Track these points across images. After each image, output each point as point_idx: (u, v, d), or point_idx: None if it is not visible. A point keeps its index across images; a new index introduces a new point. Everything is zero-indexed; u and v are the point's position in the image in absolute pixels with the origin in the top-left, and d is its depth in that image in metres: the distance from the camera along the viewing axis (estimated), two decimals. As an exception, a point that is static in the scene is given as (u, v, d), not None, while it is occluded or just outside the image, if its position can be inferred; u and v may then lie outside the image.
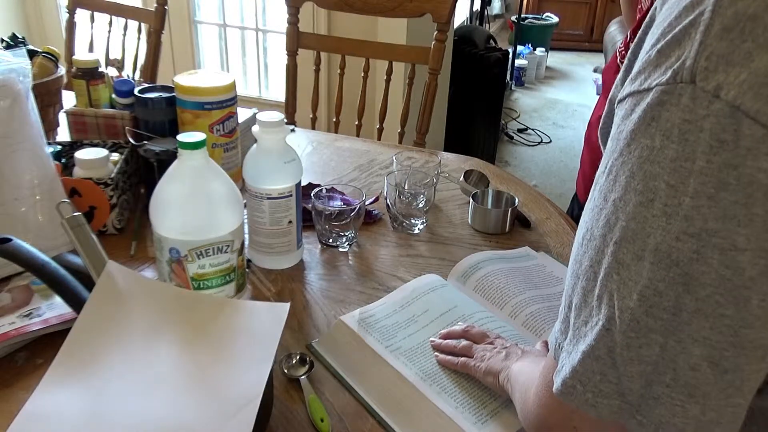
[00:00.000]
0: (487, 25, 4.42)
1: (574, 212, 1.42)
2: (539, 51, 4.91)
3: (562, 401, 0.46)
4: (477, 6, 4.42)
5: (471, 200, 1.16)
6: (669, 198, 0.38)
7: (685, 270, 0.38)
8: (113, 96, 1.26)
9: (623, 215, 0.41)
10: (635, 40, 0.48)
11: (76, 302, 0.79)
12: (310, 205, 1.07)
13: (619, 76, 0.48)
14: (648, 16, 0.47)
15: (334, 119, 1.84)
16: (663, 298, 0.39)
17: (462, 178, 1.26)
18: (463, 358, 0.77)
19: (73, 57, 1.39)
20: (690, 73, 0.38)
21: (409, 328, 0.85)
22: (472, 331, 0.82)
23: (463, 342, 0.80)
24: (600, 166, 0.45)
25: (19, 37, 1.48)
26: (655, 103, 0.39)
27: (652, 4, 1.13)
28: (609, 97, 0.52)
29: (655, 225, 0.39)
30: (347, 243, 1.08)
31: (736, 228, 0.37)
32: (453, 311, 0.88)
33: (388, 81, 1.75)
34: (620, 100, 0.43)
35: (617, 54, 1.27)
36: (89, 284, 0.78)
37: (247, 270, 0.94)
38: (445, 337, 0.82)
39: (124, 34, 2.08)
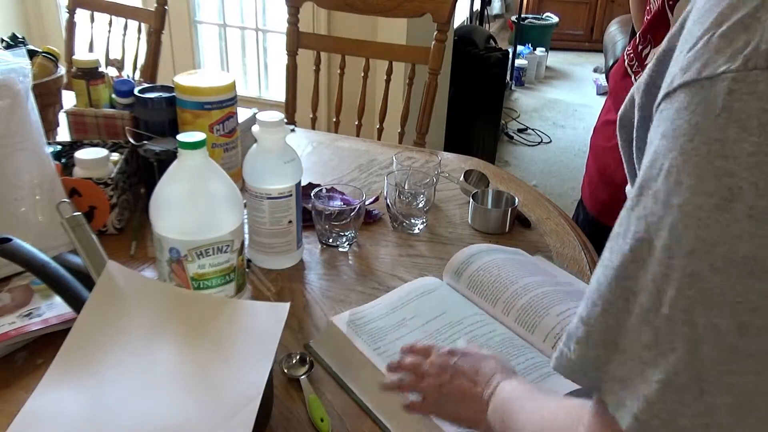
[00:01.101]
0: (487, 25, 4.42)
1: (579, 218, 1.41)
2: (539, 51, 4.91)
3: None
4: (477, 6, 4.42)
5: (471, 200, 1.16)
6: (754, 199, 0.34)
7: None
8: (113, 96, 1.26)
9: (693, 222, 0.35)
10: (665, 39, 0.44)
11: (76, 302, 0.79)
12: (310, 205, 1.07)
13: (648, 71, 0.44)
14: (680, 19, 0.43)
15: (334, 119, 1.84)
16: (758, 314, 0.34)
17: (462, 178, 1.26)
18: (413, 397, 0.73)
19: (73, 57, 1.39)
20: (766, 58, 0.34)
21: (398, 331, 0.85)
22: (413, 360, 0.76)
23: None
24: (644, 168, 0.40)
25: (19, 37, 1.48)
26: (724, 93, 0.35)
27: (663, 4, 1.13)
28: (631, 90, 0.48)
29: (740, 230, 0.34)
30: (347, 243, 1.08)
31: None
32: (442, 317, 0.88)
33: (388, 81, 1.75)
34: (668, 94, 0.39)
35: (625, 57, 1.26)
36: (89, 284, 0.78)
37: (247, 270, 0.94)
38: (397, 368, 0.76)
39: (124, 34, 2.08)
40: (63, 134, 1.34)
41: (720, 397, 0.36)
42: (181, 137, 0.81)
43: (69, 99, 1.36)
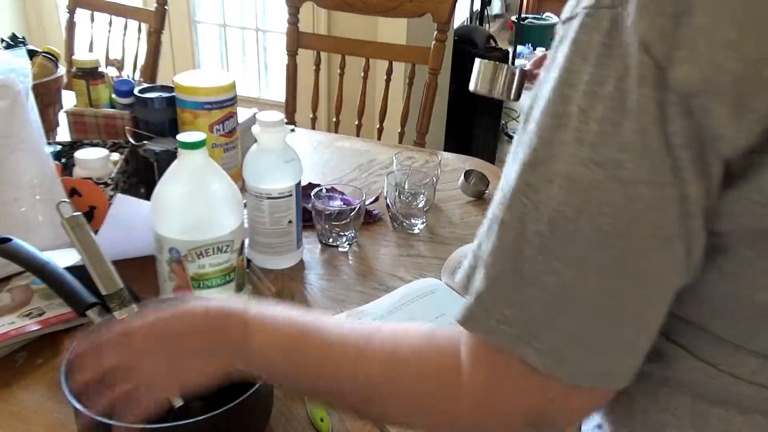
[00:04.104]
0: (487, 25, 4.42)
1: None
2: (539, 51, 4.90)
3: (468, 331, 0.44)
4: (477, 6, 4.42)
5: (477, 60, 1.06)
6: (580, 123, 0.38)
7: (588, 197, 0.38)
8: (113, 96, 1.26)
9: (537, 138, 0.40)
10: None
11: (75, 302, 0.79)
12: (310, 205, 1.07)
13: None
14: None
15: (334, 119, 1.84)
16: (569, 223, 0.39)
17: (462, 178, 1.26)
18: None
19: (73, 57, 1.39)
20: None
21: None
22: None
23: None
24: (533, 89, 0.45)
25: (19, 37, 1.48)
26: (578, 27, 0.39)
27: None
28: None
29: (566, 150, 0.39)
30: (347, 243, 1.08)
31: (635, 160, 0.37)
32: (439, 320, 0.88)
33: (388, 81, 1.75)
34: (555, 33, 0.43)
35: None
36: (88, 284, 0.78)
37: (247, 270, 0.94)
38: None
39: (124, 34, 2.08)
40: (63, 134, 1.34)
41: (534, 290, 0.41)
42: (181, 137, 0.81)
43: (69, 99, 1.36)
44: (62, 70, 1.36)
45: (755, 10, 0.35)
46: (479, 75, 1.04)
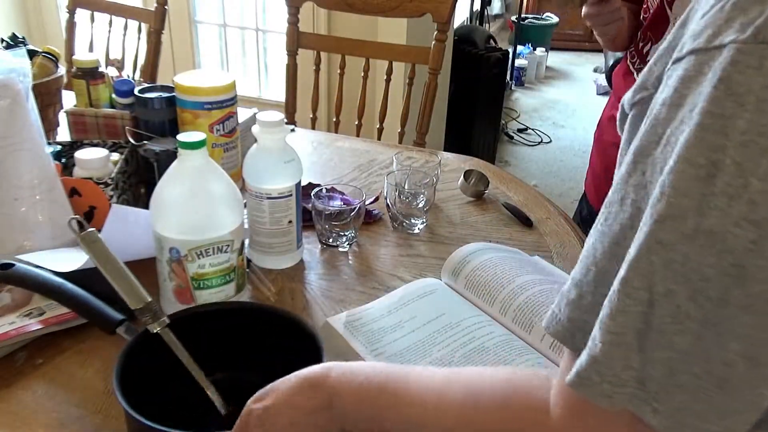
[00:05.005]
0: (487, 25, 4.42)
1: (583, 212, 1.41)
2: (539, 51, 4.91)
3: (575, 393, 0.41)
4: (477, 6, 4.42)
5: None
6: (734, 177, 0.33)
7: (740, 260, 0.34)
8: (113, 96, 1.26)
9: (672, 189, 0.35)
10: (669, 34, 0.42)
11: (103, 321, 0.79)
12: (310, 205, 1.07)
13: (662, 48, 0.42)
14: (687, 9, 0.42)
15: (334, 119, 1.84)
16: (710, 285, 0.35)
17: (462, 178, 1.26)
18: None
19: (73, 57, 1.39)
20: None
21: (395, 333, 0.85)
22: None
23: None
24: (642, 134, 0.39)
25: (19, 37, 1.48)
26: (728, 64, 0.33)
27: (661, 2, 1.14)
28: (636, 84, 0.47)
29: (713, 205, 0.34)
30: (347, 243, 1.08)
31: None
32: (440, 319, 0.88)
33: (388, 81, 1.75)
34: (677, 59, 0.37)
35: (627, 55, 1.27)
36: (98, 292, 0.78)
37: (247, 270, 0.94)
38: None
39: (124, 34, 2.08)
40: (63, 134, 1.34)
41: (658, 352, 0.37)
42: (181, 137, 0.81)
43: (69, 99, 1.36)
44: (62, 70, 1.36)
45: None
46: None
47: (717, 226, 0.34)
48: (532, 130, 3.99)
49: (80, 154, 1.06)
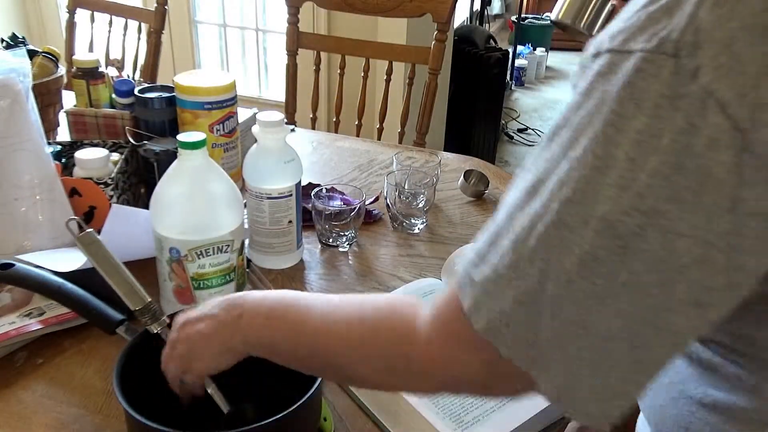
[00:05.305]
0: (487, 25, 4.42)
1: None
2: (539, 51, 4.91)
3: (483, 337, 0.45)
4: (477, 6, 4.42)
5: None
6: (626, 171, 0.37)
7: (627, 243, 0.38)
8: (113, 96, 1.26)
9: (577, 176, 0.39)
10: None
11: (103, 322, 0.79)
12: (310, 205, 1.07)
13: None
14: None
15: (334, 119, 1.84)
16: (600, 265, 0.39)
17: (462, 178, 1.26)
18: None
19: (73, 57, 1.39)
20: (675, 46, 0.36)
21: None
22: None
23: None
24: (560, 115, 0.43)
25: (19, 37, 1.48)
26: (633, 69, 0.37)
27: None
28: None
29: (607, 194, 0.38)
30: (347, 243, 1.08)
31: (682, 213, 0.36)
32: None
33: (388, 81, 1.74)
34: (596, 54, 0.41)
35: None
36: (97, 290, 0.78)
37: (247, 270, 0.94)
38: None
39: (124, 34, 2.08)
40: (63, 134, 1.34)
41: (552, 321, 0.42)
42: (181, 137, 0.81)
43: (69, 99, 1.36)
44: (62, 70, 1.36)
45: None
46: (566, 1, 0.96)
47: (609, 213, 0.38)
48: (532, 130, 3.99)
49: (80, 154, 1.06)
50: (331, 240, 1.07)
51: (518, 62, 4.63)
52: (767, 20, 0.34)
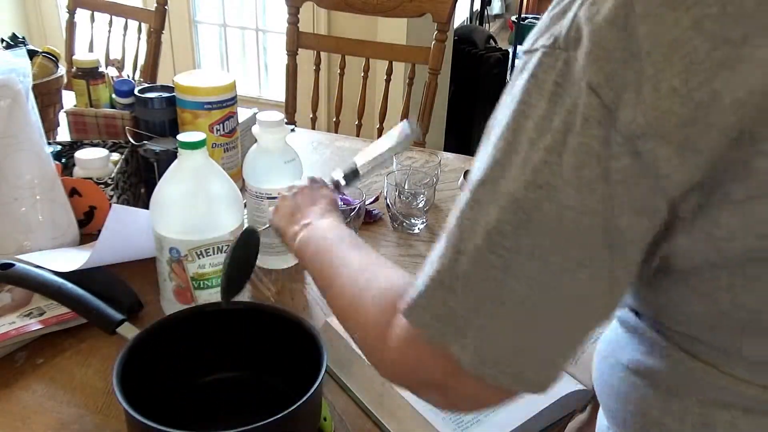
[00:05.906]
0: (487, 25, 4.42)
1: None
2: (539, 51, 4.90)
3: (406, 319, 0.48)
4: (477, 6, 4.42)
5: None
6: (527, 151, 0.42)
7: (528, 216, 0.42)
8: (113, 96, 1.26)
9: (491, 159, 0.44)
10: None
11: (103, 321, 0.79)
12: (310, 205, 1.06)
13: None
14: None
15: (334, 119, 1.84)
16: (506, 239, 0.43)
17: (462, 178, 1.26)
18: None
19: (73, 57, 1.39)
20: (564, 41, 0.41)
21: None
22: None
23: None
24: (496, 111, 0.48)
25: (19, 37, 1.48)
26: (537, 63, 0.43)
27: None
28: None
29: (512, 173, 0.43)
30: (347, 243, 1.08)
31: (566, 187, 0.41)
32: None
33: (388, 81, 1.75)
34: (519, 57, 0.46)
35: None
36: (96, 291, 0.78)
37: (247, 270, 0.94)
38: None
39: (124, 34, 2.08)
40: (63, 134, 1.34)
41: (468, 296, 0.45)
42: (181, 137, 0.81)
43: (69, 99, 1.36)
44: (62, 70, 1.36)
45: (697, 58, 0.37)
46: None
47: (515, 190, 0.42)
48: (532, 130, 3.99)
49: (80, 154, 1.06)
50: (331, 240, 1.07)
51: (518, 62, 4.62)
52: (625, 13, 0.39)
